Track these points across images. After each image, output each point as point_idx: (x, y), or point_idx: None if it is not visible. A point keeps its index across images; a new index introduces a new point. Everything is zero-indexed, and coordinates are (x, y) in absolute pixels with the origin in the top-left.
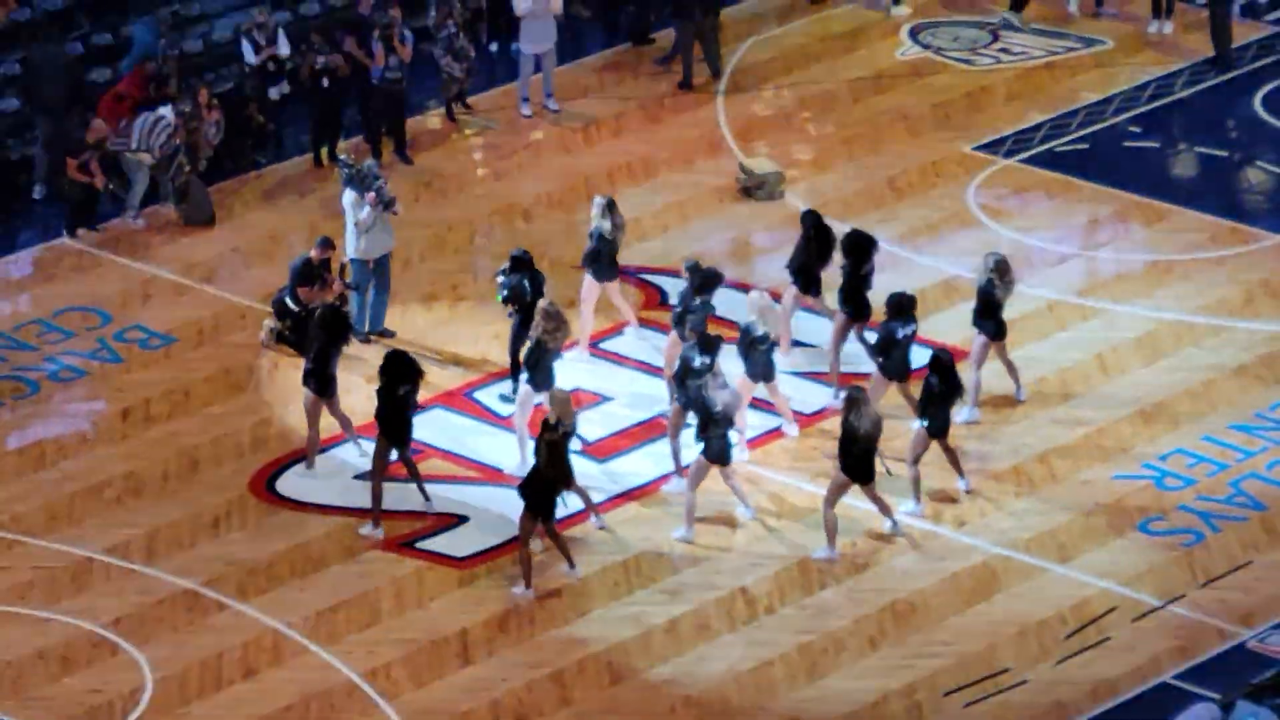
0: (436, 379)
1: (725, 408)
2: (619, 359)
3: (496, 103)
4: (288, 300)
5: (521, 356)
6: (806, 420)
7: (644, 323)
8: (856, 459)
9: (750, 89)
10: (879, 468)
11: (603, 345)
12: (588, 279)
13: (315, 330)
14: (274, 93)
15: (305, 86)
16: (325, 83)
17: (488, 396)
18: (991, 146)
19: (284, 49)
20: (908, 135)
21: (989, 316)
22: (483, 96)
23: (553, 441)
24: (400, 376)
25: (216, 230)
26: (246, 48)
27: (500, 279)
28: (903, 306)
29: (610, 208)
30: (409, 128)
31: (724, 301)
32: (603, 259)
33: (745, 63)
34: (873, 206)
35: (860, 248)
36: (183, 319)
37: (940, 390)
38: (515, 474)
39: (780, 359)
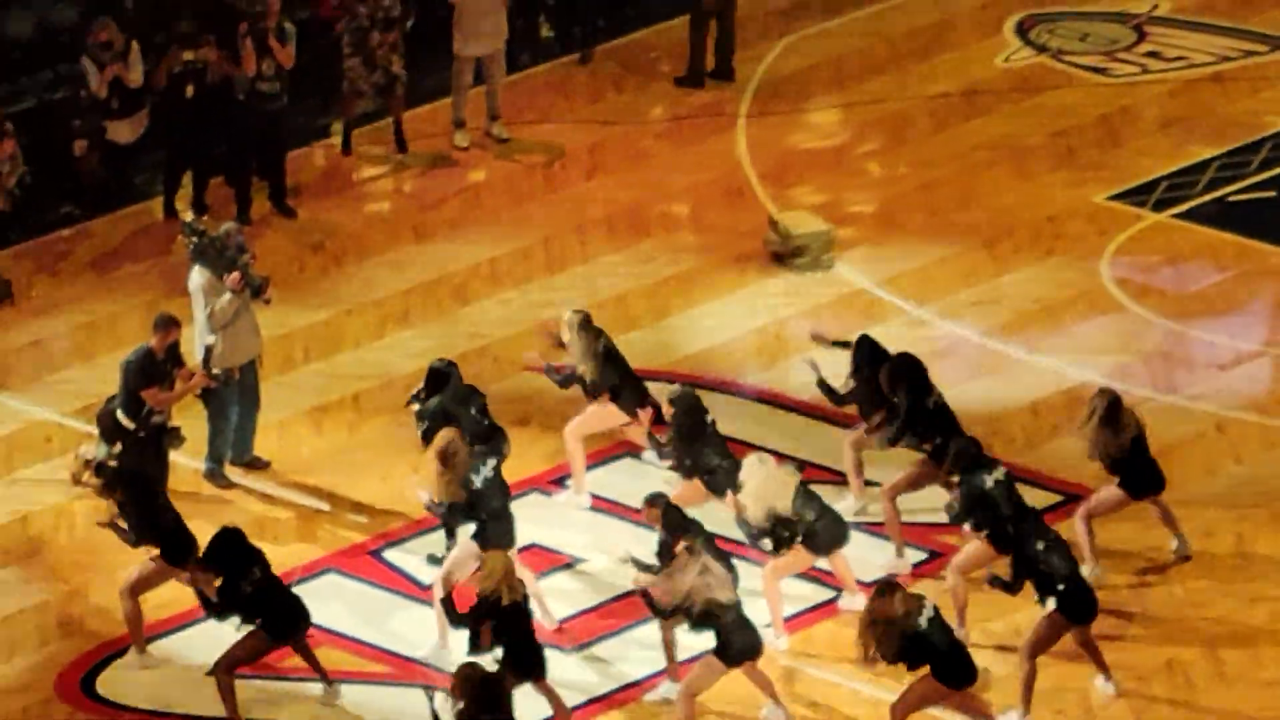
0: (330, 532)
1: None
2: (598, 503)
3: (420, 129)
4: (120, 415)
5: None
6: (870, 590)
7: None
8: (947, 658)
9: (785, 110)
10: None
11: (571, 482)
12: (597, 405)
13: (124, 481)
14: (120, 130)
15: (158, 97)
16: (189, 90)
17: (405, 557)
18: (1136, 194)
19: (137, 73)
20: (1014, 178)
21: (1123, 469)
22: (400, 118)
23: (505, 614)
24: (239, 565)
25: (9, 313)
26: (89, 69)
27: (416, 405)
28: (972, 455)
29: (586, 325)
30: (291, 165)
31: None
32: (620, 383)
33: (778, 72)
34: (962, 282)
35: (914, 374)
36: None
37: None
38: (434, 664)
39: (848, 509)
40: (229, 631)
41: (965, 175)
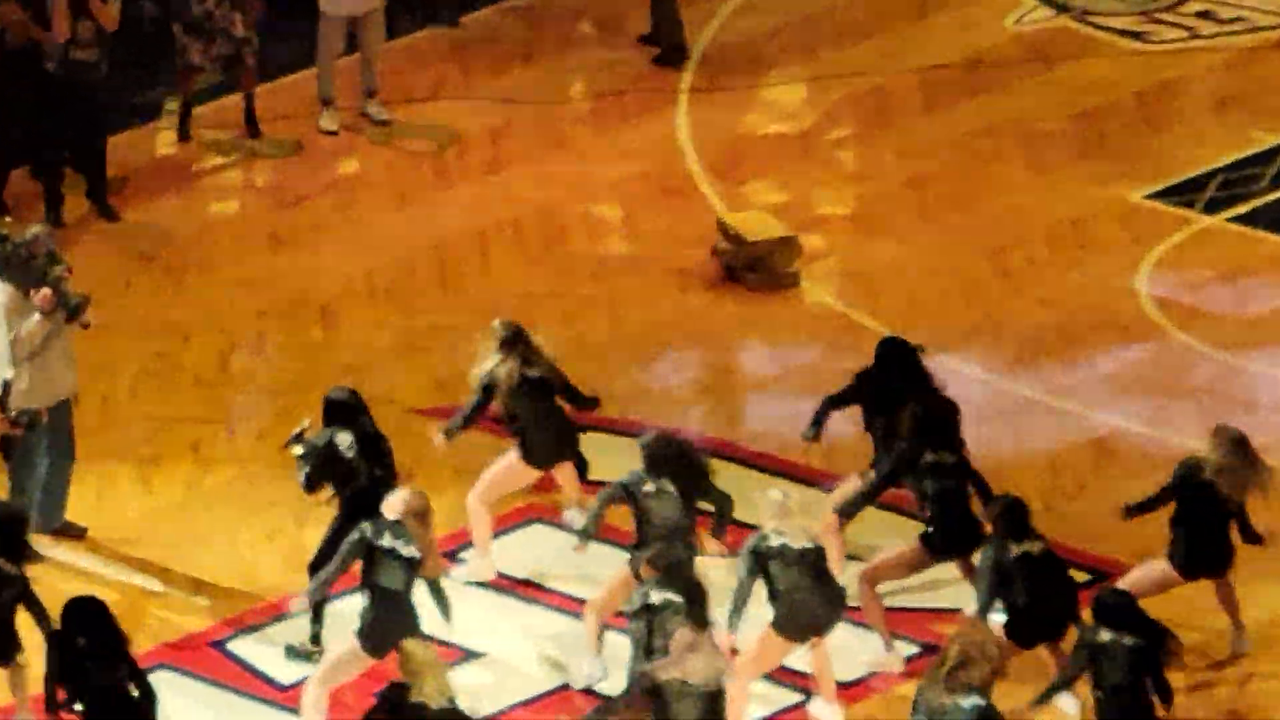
0: (161, 618)
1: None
2: (499, 583)
3: (276, 108)
4: None
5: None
6: (851, 693)
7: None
8: None
9: (739, 85)
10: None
11: (466, 554)
12: (509, 457)
13: None
14: None
15: None
16: None
17: (256, 649)
18: (1183, 192)
19: None
20: (1027, 171)
21: (1195, 538)
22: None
23: None
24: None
25: None
26: None
27: (298, 446)
28: (1014, 516)
29: (511, 342)
30: (114, 153)
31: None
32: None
33: (728, 38)
34: (961, 303)
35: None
36: None
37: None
38: None
39: None
40: None
41: (965, 167)
